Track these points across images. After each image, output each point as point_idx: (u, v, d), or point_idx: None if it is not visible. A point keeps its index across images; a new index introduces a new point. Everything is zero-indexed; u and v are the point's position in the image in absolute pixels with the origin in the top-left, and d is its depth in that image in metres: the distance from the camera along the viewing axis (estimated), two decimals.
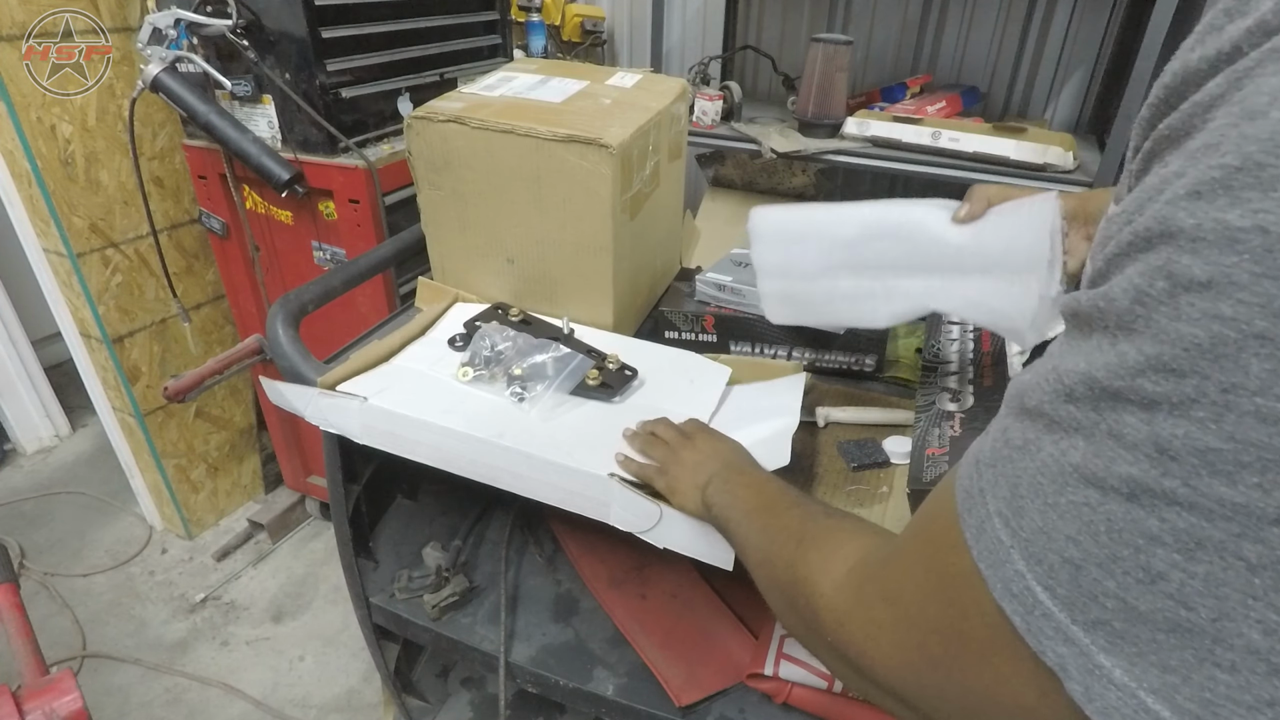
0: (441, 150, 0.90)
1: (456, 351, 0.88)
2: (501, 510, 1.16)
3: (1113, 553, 0.24)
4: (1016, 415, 0.29)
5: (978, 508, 0.29)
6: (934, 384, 0.85)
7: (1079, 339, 0.27)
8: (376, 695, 1.59)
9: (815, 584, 0.41)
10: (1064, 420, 0.26)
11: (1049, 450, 0.26)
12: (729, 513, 0.59)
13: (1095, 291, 0.26)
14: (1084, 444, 0.25)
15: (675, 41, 2.06)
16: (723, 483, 0.62)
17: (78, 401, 2.29)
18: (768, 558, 0.49)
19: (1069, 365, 0.26)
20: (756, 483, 0.60)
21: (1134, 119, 1.21)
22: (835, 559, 0.41)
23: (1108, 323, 0.25)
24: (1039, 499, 0.26)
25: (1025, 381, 0.30)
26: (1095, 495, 0.25)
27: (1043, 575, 0.26)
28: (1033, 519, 0.27)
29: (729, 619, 0.99)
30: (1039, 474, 0.27)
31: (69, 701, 0.78)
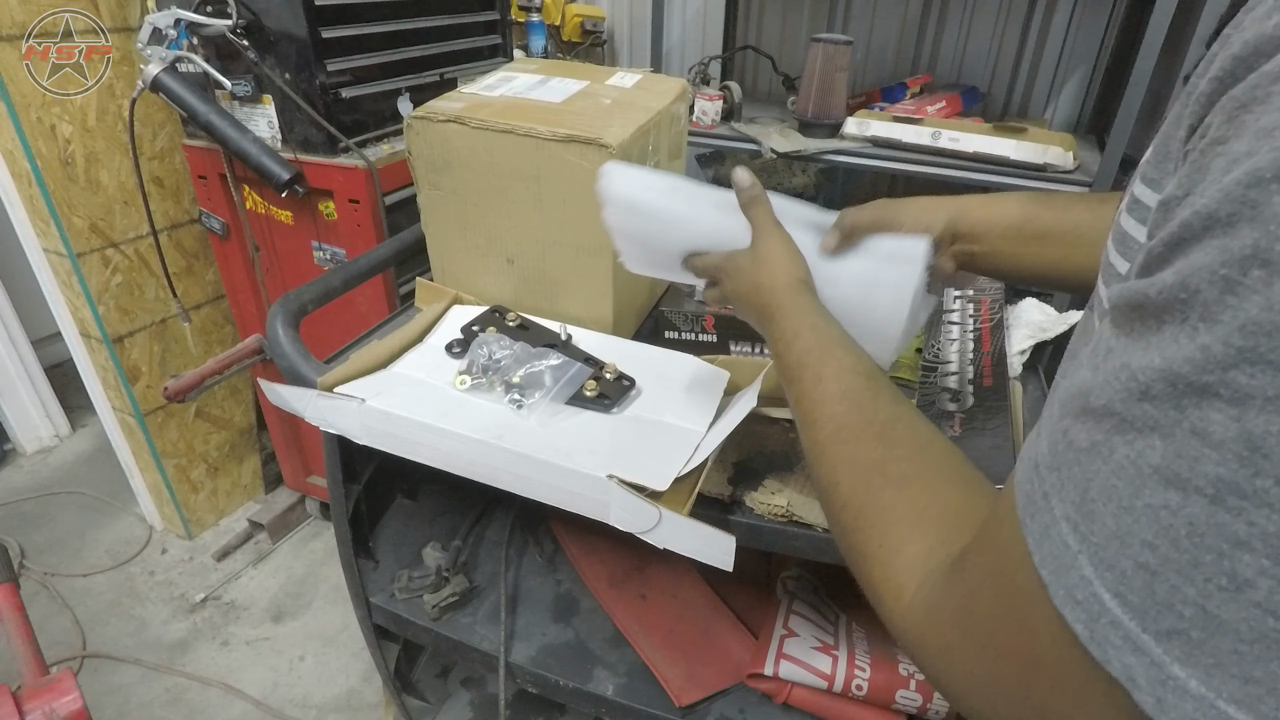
0: (441, 150, 0.90)
1: (454, 359, 0.88)
2: (501, 510, 1.16)
3: (1194, 558, 0.23)
4: (1079, 416, 0.27)
5: (1041, 513, 0.28)
6: (934, 384, 0.85)
7: (1146, 332, 0.25)
8: (376, 695, 1.59)
9: (881, 597, 0.39)
10: (1139, 419, 0.24)
11: (1123, 451, 0.25)
12: (792, 372, 0.52)
13: (1166, 281, 0.24)
14: (1162, 444, 0.24)
15: (675, 41, 2.06)
16: (788, 319, 0.55)
17: (78, 401, 2.29)
18: (833, 478, 0.45)
19: (1142, 361, 0.25)
20: (831, 344, 0.52)
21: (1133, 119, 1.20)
22: (901, 568, 0.38)
23: (1187, 314, 0.23)
24: (1113, 502, 0.25)
25: (1085, 381, 0.28)
26: (1176, 497, 0.23)
27: (1113, 582, 0.25)
28: (1105, 523, 0.25)
29: (729, 619, 0.99)
30: (1113, 476, 0.25)
31: (69, 701, 0.78)
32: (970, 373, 0.85)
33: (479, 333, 0.90)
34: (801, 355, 0.52)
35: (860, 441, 0.45)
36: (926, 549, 0.38)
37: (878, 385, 0.48)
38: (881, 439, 0.44)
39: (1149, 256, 0.26)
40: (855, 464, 0.44)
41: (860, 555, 0.41)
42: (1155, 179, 0.32)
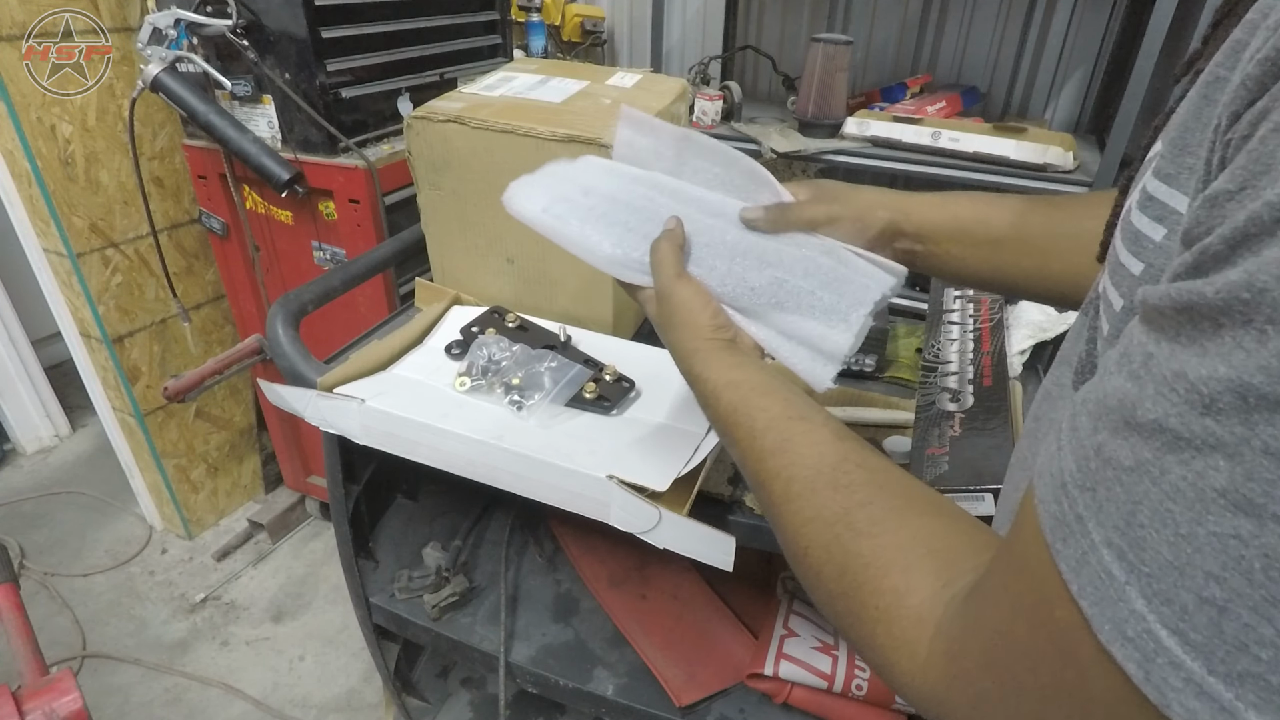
0: (441, 150, 0.90)
1: (453, 360, 0.88)
2: (501, 510, 1.16)
3: (1273, 594, 0.20)
4: (1119, 431, 0.25)
5: (1076, 537, 0.25)
6: (934, 384, 0.85)
7: (1199, 337, 0.23)
8: (376, 695, 1.59)
9: (894, 662, 0.34)
10: (1198, 436, 0.22)
11: (1178, 472, 0.22)
12: (725, 434, 0.49)
13: (1230, 279, 0.22)
14: (1228, 464, 0.21)
15: (675, 41, 2.06)
16: (703, 384, 0.51)
17: (78, 401, 2.29)
18: (800, 544, 0.41)
19: (1202, 370, 0.22)
20: (755, 394, 0.48)
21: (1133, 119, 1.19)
22: (909, 622, 0.34)
23: (1252, 316, 0.21)
24: (1168, 528, 0.22)
25: (1124, 391, 0.25)
26: (1249, 526, 0.20)
27: (1171, 618, 0.22)
28: (1159, 552, 0.22)
29: (729, 619, 0.99)
30: (1166, 499, 0.22)
31: (69, 701, 0.78)
32: (970, 373, 0.85)
33: (478, 334, 0.90)
34: (728, 415, 0.48)
35: (814, 494, 0.41)
36: (930, 594, 0.34)
37: (813, 425, 0.44)
38: (835, 486, 0.40)
39: (1203, 255, 0.23)
40: (817, 521, 0.40)
41: (857, 621, 0.37)
42: (1173, 174, 0.30)
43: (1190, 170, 0.29)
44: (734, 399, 0.48)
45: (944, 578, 0.34)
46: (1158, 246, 0.31)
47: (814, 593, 0.41)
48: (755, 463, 0.45)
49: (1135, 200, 0.33)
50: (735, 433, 0.47)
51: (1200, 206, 0.24)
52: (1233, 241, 0.22)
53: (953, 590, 0.33)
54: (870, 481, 0.40)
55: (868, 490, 0.39)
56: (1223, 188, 0.23)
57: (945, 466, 0.71)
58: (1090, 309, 0.38)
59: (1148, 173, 0.32)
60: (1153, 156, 0.33)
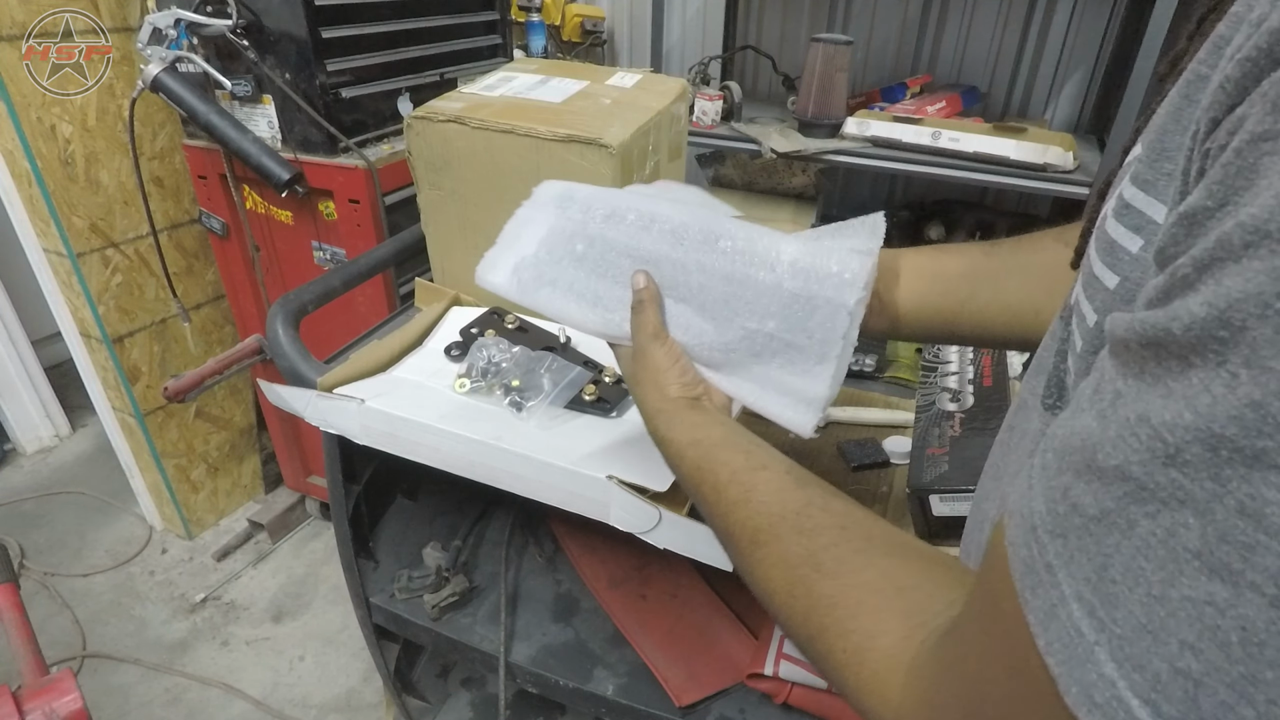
0: (441, 150, 0.90)
1: (453, 362, 0.88)
2: (501, 510, 1.16)
3: (1251, 672, 0.18)
4: (1083, 474, 0.23)
5: (1045, 588, 0.23)
6: (934, 384, 0.85)
7: (1165, 375, 0.21)
8: (376, 695, 1.59)
9: (864, 706, 0.34)
10: (1164, 489, 0.20)
11: (1146, 526, 0.20)
12: (692, 492, 0.49)
13: (1196, 314, 0.20)
14: (1199, 523, 0.19)
15: (675, 41, 2.06)
16: (668, 446, 0.51)
17: (78, 401, 2.29)
18: (768, 589, 0.41)
19: (1166, 415, 0.20)
20: (717, 449, 0.48)
21: (1133, 119, 1.19)
22: (879, 665, 0.33)
23: (1225, 356, 0.19)
24: (1140, 587, 0.20)
25: (1089, 430, 0.23)
26: (1225, 593, 0.19)
27: (1143, 686, 0.20)
28: (1131, 613, 0.21)
29: (729, 619, 0.99)
30: (1137, 555, 0.21)
31: (69, 701, 0.78)
32: (970, 372, 0.85)
33: (478, 335, 0.90)
34: (691, 473, 0.48)
35: (778, 540, 0.40)
36: (901, 636, 0.33)
37: (775, 474, 0.44)
38: (799, 531, 0.40)
39: (1171, 280, 0.21)
40: (782, 565, 0.39)
41: (829, 664, 0.36)
42: (1150, 180, 0.28)
43: (1168, 177, 0.27)
44: (696, 457, 0.48)
45: (914, 619, 0.33)
46: (1134, 258, 0.29)
47: (789, 636, 0.40)
48: (721, 517, 0.45)
49: (1111, 208, 0.31)
50: (701, 489, 0.47)
51: (1175, 224, 0.22)
52: (1202, 265, 0.20)
53: (924, 632, 0.32)
54: (834, 524, 0.39)
55: (831, 533, 0.39)
56: (1200, 204, 0.21)
57: (945, 466, 0.71)
58: (1067, 315, 0.36)
59: (1125, 178, 0.31)
60: (1131, 160, 0.31)
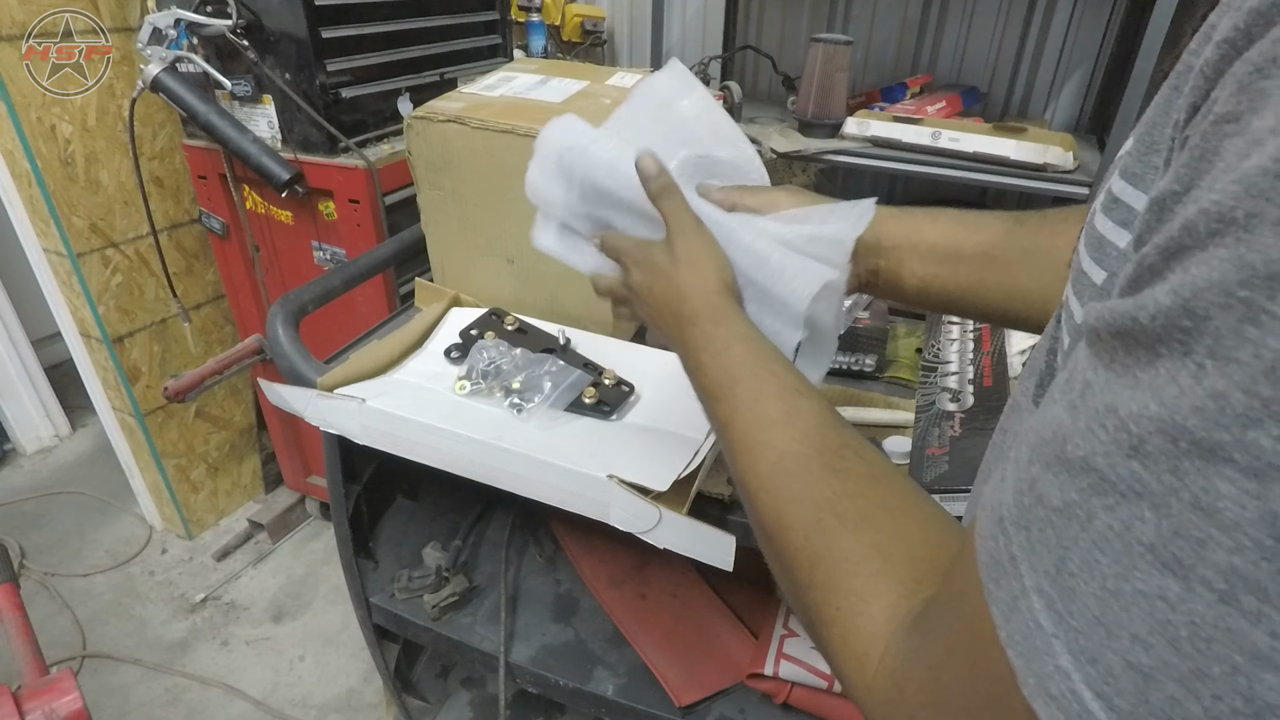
0: (441, 150, 0.90)
1: (453, 365, 0.88)
2: (501, 510, 1.16)
3: (1198, 667, 0.18)
4: (1050, 465, 0.22)
5: (1008, 579, 0.23)
6: (934, 384, 0.85)
7: (1134, 366, 0.20)
8: (376, 695, 1.59)
9: (841, 669, 0.34)
10: (1124, 481, 0.20)
11: (1104, 519, 0.20)
12: (721, 389, 0.46)
13: (1162, 302, 0.19)
14: (1154, 516, 0.19)
15: (675, 41, 2.06)
16: (716, 327, 0.48)
17: (78, 401, 2.29)
18: (779, 523, 0.39)
19: (1132, 405, 0.20)
20: (768, 359, 0.45)
21: (1133, 119, 1.18)
22: (864, 633, 0.32)
23: (1190, 347, 0.18)
24: (1095, 580, 0.20)
25: (1060, 422, 0.23)
26: (1176, 588, 0.18)
27: (1096, 680, 0.20)
28: (1086, 605, 0.20)
29: (729, 619, 0.99)
30: (1094, 548, 0.20)
31: (69, 701, 0.78)
32: (970, 372, 0.85)
33: (477, 337, 0.90)
34: (733, 369, 0.45)
35: (809, 474, 0.38)
36: (889, 605, 0.32)
37: (822, 408, 0.42)
38: (833, 470, 0.38)
39: (1139, 268, 0.21)
40: (805, 503, 0.38)
41: (817, 619, 0.35)
42: (1139, 174, 0.28)
43: (1155, 170, 0.27)
44: (745, 355, 0.45)
45: (910, 589, 0.32)
46: (1122, 254, 0.28)
47: (782, 576, 0.39)
48: (751, 428, 0.42)
49: (1100, 202, 0.31)
50: (736, 389, 0.44)
51: (1147, 210, 0.22)
52: (1168, 253, 0.20)
53: (909, 604, 0.31)
54: (868, 474, 0.37)
55: (862, 482, 0.37)
56: (1168, 189, 0.21)
57: (945, 466, 0.71)
58: (1055, 319, 0.36)
59: (1115, 172, 0.30)
60: (1122, 154, 0.30)
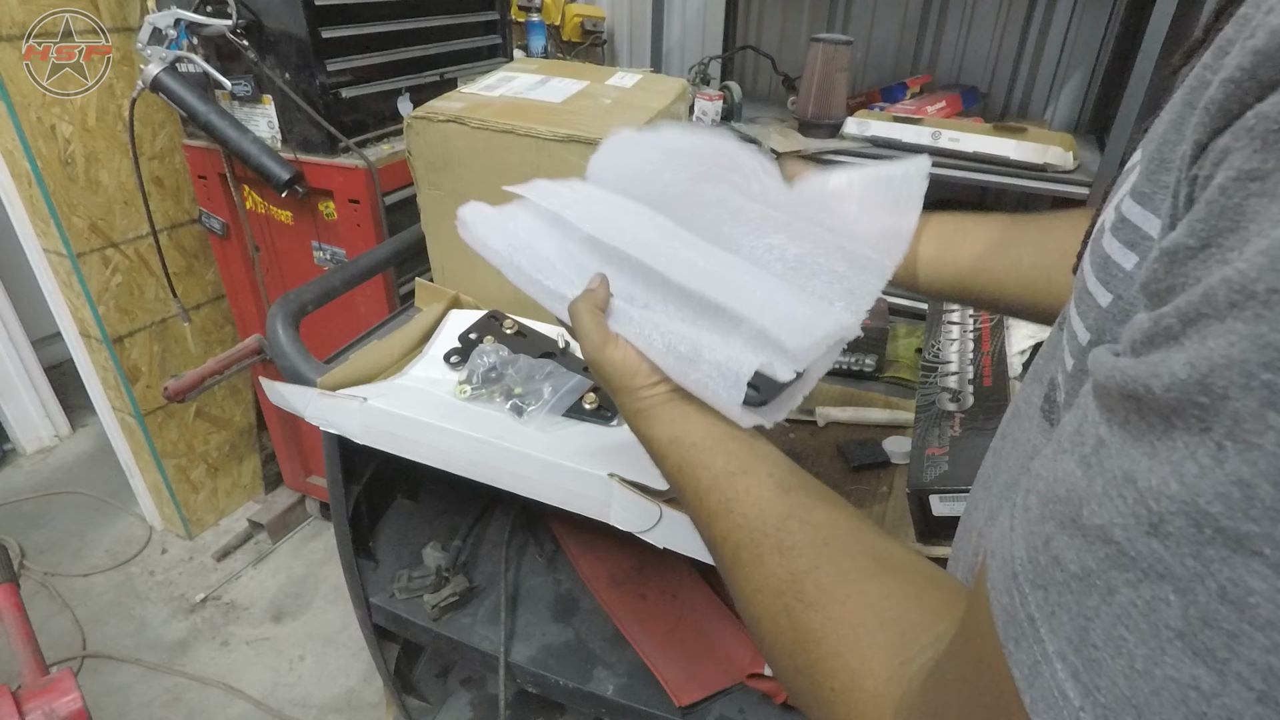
0: (441, 150, 0.90)
1: (452, 369, 0.88)
2: (501, 510, 1.16)
3: None
4: (1066, 526, 0.21)
5: (1028, 642, 0.22)
6: (934, 384, 0.85)
7: (1148, 433, 0.19)
8: (376, 695, 1.59)
9: None
10: (1144, 559, 0.18)
11: (1126, 595, 0.19)
12: (673, 483, 0.45)
13: (1177, 374, 0.18)
14: (1180, 602, 0.18)
15: (675, 41, 2.06)
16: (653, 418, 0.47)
17: (78, 401, 2.29)
18: (752, 614, 0.38)
19: (1151, 480, 0.18)
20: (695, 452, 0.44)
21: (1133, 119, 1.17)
22: (867, 710, 0.31)
23: (1209, 425, 0.17)
24: (1122, 658, 0.19)
25: (1072, 479, 0.21)
26: (1210, 680, 0.17)
27: None
28: (1115, 683, 0.19)
29: (729, 619, 0.99)
30: (1118, 624, 0.19)
31: (69, 701, 0.78)
32: (970, 372, 0.85)
33: (476, 342, 0.90)
34: (674, 476, 0.45)
35: (760, 561, 0.38)
36: (887, 674, 0.31)
37: (756, 480, 0.41)
38: (780, 551, 0.37)
39: (1155, 328, 0.20)
40: (766, 591, 0.37)
41: (815, 703, 0.34)
42: (1148, 193, 0.27)
43: (1166, 190, 0.25)
44: (677, 459, 0.45)
45: (900, 655, 0.31)
46: (1128, 276, 0.27)
47: (772, 665, 0.38)
48: (704, 526, 0.43)
49: (1109, 220, 0.29)
50: (684, 494, 0.45)
51: (1158, 259, 0.21)
52: (1185, 318, 0.19)
53: (910, 669, 0.30)
54: (815, 541, 0.37)
55: (812, 553, 0.36)
56: (1182, 242, 0.20)
57: (945, 466, 0.71)
58: (1058, 325, 0.35)
59: (1124, 188, 0.29)
60: (1131, 167, 0.29)
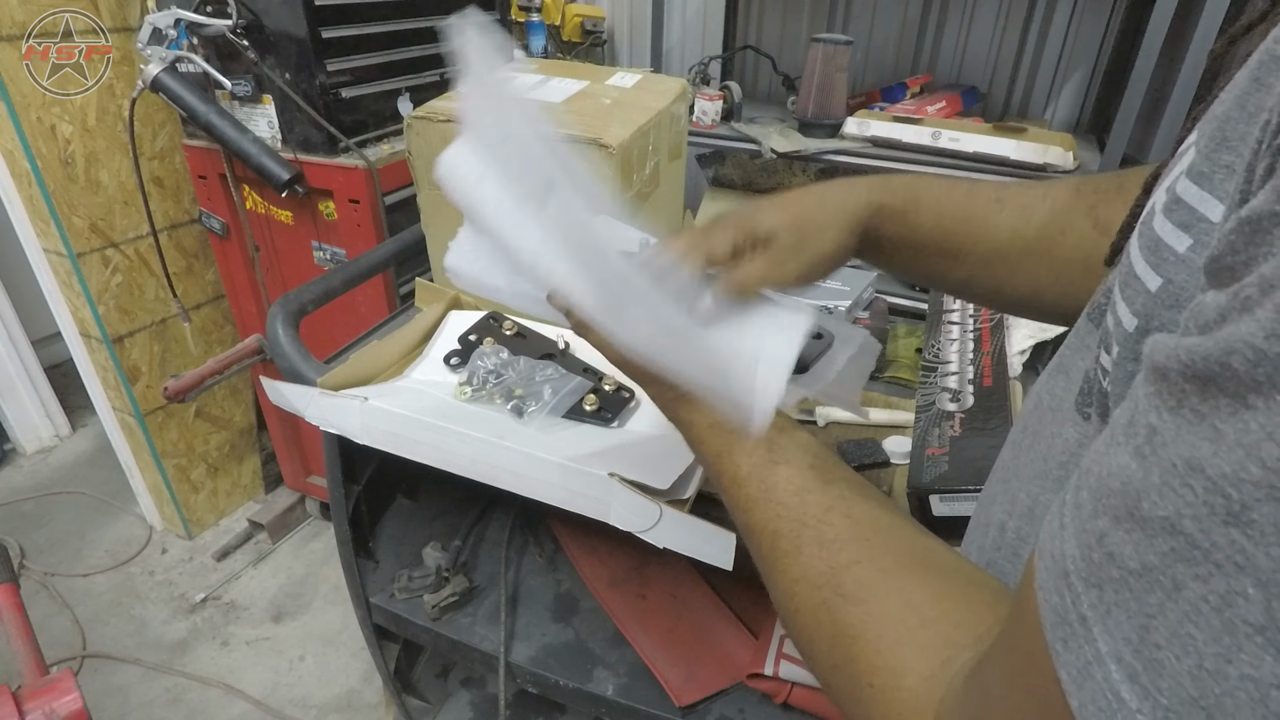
0: (441, 150, 0.90)
1: (452, 371, 0.88)
2: (501, 510, 1.16)
3: None
4: (1122, 520, 0.20)
5: (1078, 641, 0.21)
6: (934, 384, 0.85)
7: (1214, 414, 0.18)
8: (376, 695, 1.59)
9: None
10: (1219, 550, 0.17)
11: (1195, 590, 0.18)
12: (710, 468, 0.44)
13: (1258, 344, 0.17)
14: (1260, 594, 0.17)
15: (675, 41, 2.06)
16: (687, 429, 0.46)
17: (78, 401, 2.29)
18: (789, 606, 0.37)
19: (1221, 464, 0.17)
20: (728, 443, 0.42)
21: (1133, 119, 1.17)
22: (907, 709, 0.30)
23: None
24: (1190, 657, 0.18)
25: (1127, 471, 0.20)
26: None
27: None
28: (1179, 683, 0.18)
29: (729, 619, 0.99)
30: (1186, 620, 0.18)
31: (69, 701, 0.78)
32: (970, 372, 0.85)
33: (476, 343, 0.90)
34: (713, 460, 0.44)
35: (799, 552, 0.37)
36: (928, 673, 0.30)
37: (797, 470, 0.39)
38: (821, 543, 0.36)
39: (1233, 301, 0.18)
40: (804, 582, 0.36)
41: (853, 700, 0.33)
42: (1206, 173, 0.25)
43: (1228, 170, 0.24)
44: (718, 444, 0.43)
45: (941, 654, 0.30)
46: (1180, 259, 0.26)
47: (808, 660, 0.37)
48: (742, 513, 0.41)
49: (1161, 202, 0.28)
50: (721, 479, 0.43)
51: (1235, 230, 0.19)
52: (1269, 286, 0.17)
53: (951, 669, 0.30)
54: (856, 535, 0.36)
55: (854, 547, 0.36)
56: (1268, 209, 0.18)
57: (945, 466, 0.71)
58: (1096, 315, 0.34)
59: (1178, 169, 0.27)
60: (1185, 148, 0.28)
